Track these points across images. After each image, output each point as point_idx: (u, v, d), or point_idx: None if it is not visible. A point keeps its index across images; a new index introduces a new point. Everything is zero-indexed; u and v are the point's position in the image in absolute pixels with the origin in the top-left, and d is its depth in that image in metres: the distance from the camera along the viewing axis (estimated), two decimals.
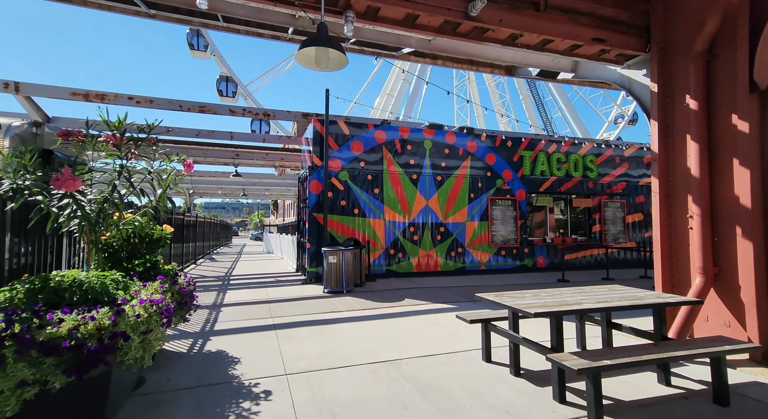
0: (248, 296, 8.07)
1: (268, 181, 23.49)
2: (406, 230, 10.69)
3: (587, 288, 4.19)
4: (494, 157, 11.61)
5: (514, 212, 11.64)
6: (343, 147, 10.25)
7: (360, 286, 9.04)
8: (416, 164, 10.89)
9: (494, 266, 11.39)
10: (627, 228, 12.68)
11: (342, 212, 10.12)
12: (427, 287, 8.97)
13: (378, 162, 10.55)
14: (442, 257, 10.95)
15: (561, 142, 12.28)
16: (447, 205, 11.07)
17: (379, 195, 10.50)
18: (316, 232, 9.78)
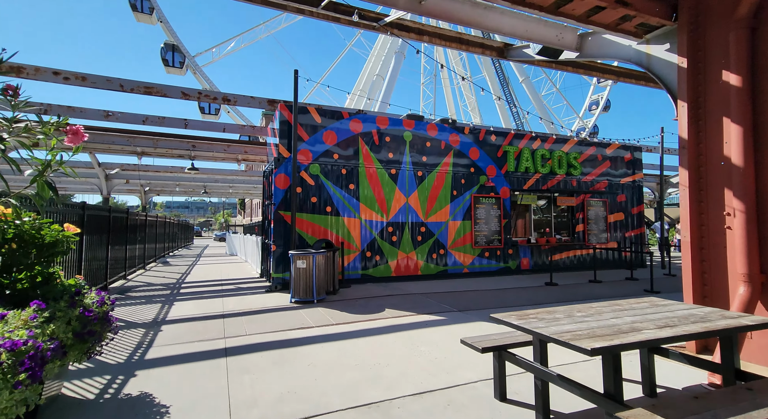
0: (200, 308, 6.80)
1: (233, 178, 21.82)
2: (384, 231, 9.73)
3: (623, 304, 3.39)
4: (478, 152, 10.89)
5: (498, 211, 10.96)
6: (314, 138, 9.13)
7: (333, 294, 7.97)
8: (395, 158, 9.95)
9: (477, 268, 10.66)
10: (609, 228, 12.37)
11: (313, 210, 9.00)
12: (408, 294, 8.04)
13: (353, 155, 9.52)
14: (423, 260, 10.08)
15: (545, 138, 11.76)
16: (428, 203, 10.21)
17: (354, 192, 9.47)
18: (282, 232, 8.60)
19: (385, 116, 9.98)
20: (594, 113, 31.67)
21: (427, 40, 6.56)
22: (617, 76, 8.08)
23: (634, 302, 3.36)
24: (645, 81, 7.97)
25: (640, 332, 2.39)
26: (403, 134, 10.07)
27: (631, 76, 8.09)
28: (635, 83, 8.05)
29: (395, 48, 29.75)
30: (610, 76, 8.09)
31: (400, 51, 29.33)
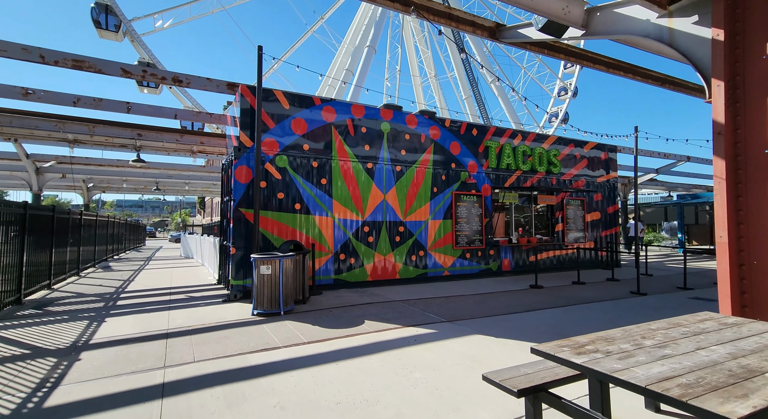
0: (138, 325, 5.56)
1: (189, 173, 19.97)
2: (359, 231, 8.82)
3: (685, 324, 2.72)
4: (459, 146, 10.25)
5: (480, 209, 10.39)
6: (280, 126, 8.05)
7: (302, 303, 6.96)
8: (372, 151, 9.08)
9: (458, 270, 10.01)
10: (586, 227, 12.20)
11: (279, 207, 7.93)
12: (388, 302, 7.19)
13: (326, 147, 8.53)
14: (401, 262, 9.28)
15: (526, 134, 11.35)
16: (407, 200, 9.43)
17: (326, 187, 8.49)
18: (244, 233, 7.46)
19: (361, 105, 9.07)
20: (564, 99, 32.49)
21: (415, 14, 5.74)
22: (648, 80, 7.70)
23: (698, 322, 2.69)
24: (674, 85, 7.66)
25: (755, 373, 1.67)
26: (381, 125, 9.22)
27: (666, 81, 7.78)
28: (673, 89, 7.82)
29: (366, 42, 28.85)
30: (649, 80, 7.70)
31: (371, 45, 28.47)
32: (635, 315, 6.19)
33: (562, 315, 6.28)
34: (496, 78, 35.00)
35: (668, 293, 8.22)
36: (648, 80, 8.33)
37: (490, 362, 4.03)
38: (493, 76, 35.38)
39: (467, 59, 37.42)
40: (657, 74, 8.33)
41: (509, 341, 4.77)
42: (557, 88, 33.41)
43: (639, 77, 8.22)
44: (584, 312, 6.44)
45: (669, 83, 8.59)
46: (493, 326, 5.53)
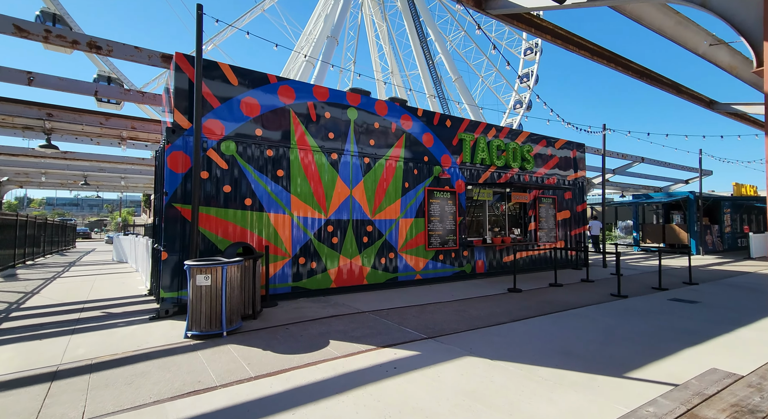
0: (19, 358, 4.09)
1: (126, 167, 17.60)
2: (322, 230, 7.69)
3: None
4: (432, 138, 9.42)
5: (453, 207, 9.64)
6: (227, 106, 6.74)
7: (253, 318, 5.74)
8: (337, 140, 7.98)
9: (431, 274, 9.19)
10: (557, 226, 11.92)
11: (226, 203, 6.61)
12: (357, 313, 6.16)
13: (283, 134, 7.32)
14: (370, 266, 8.27)
15: (500, 128, 10.79)
16: (376, 197, 8.44)
17: (284, 180, 7.28)
18: (179, 233, 6.08)
19: (325, 87, 7.94)
20: (527, 86, 33.19)
21: None
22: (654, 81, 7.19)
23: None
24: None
25: None
26: (347, 112, 8.15)
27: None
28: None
29: (327, 32, 27.49)
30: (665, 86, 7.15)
31: (333, 36, 27.16)
32: (628, 323, 5.65)
33: (552, 325, 5.60)
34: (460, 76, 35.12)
35: (646, 295, 7.92)
36: (628, 71, 8.00)
37: (497, 400, 3.14)
38: (457, 75, 35.46)
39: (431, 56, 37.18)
40: (636, 65, 8.01)
41: (509, 365, 3.93)
42: (521, 72, 34.08)
43: (620, 67, 7.84)
44: (574, 321, 5.81)
45: (647, 76, 8.33)
46: (482, 342, 4.69)
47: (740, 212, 19.86)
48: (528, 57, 33.00)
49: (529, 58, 33.21)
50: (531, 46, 33.23)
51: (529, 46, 33.44)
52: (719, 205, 18.12)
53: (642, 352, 4.34)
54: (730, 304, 7.05)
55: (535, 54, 32.17)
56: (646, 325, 5.55)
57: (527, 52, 32.87)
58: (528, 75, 35.01)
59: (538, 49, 32.64)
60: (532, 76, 32.35)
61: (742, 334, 5.09)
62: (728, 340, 4.83)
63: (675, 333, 5.12)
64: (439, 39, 35.40)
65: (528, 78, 35.00)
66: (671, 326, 5.50)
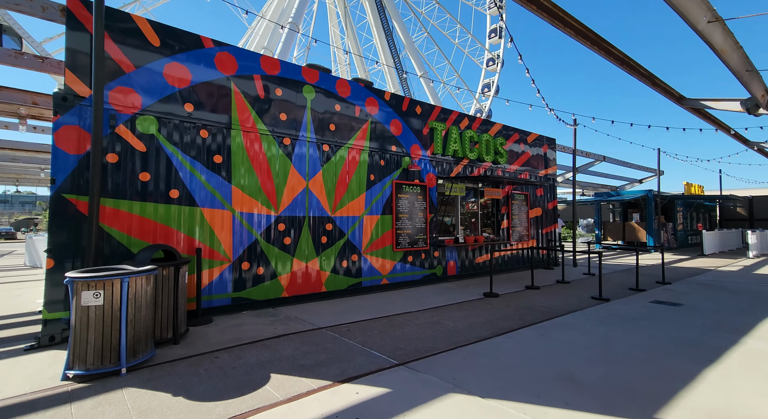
0: None
1: (45, 156, 15.08)
2: (272, 229, 6.46)
3: None
4: (401, 125, 8.44)
5: (424, 203, 8.72)
6: (146, 72, 5.33)
7: (173, 343, 4.43)
8: (290, 122, 6.77)
9: (399, 277, 8.21)
10: (530, 224, 11.39)
11: (143, 195, 5.21)
12: (310, 330, 5.02)
13: (222, 111, 6.00)
14: (329, 270, 7.14)
15: (473, 118, 10.03)
16: (337, 190, 7.32)
17: (223, 169, 5.97)
18: (72, 234, 4.63)
19: (275, 59, 6.68)
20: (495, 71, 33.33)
21: None
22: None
23: None
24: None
25: None
26: (303, 90, 6.95)
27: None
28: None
29: (288, 18, 25.76)
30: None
31: (294, 22, 25.49)
32: (622, 333, 4.97)
33: (541, 338, 4.79)
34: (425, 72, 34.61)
35: (627, 297, 7.43)
36: (609, 57, 7.48)
37: None
38: (423, 70, 34.92)
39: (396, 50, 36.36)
40: (618, 51, 7.50)
41: (509, 406, 3.00)
42: (486, 59, 34.12)
43: (602, 52, 7.29)
44: (564, 332, 5.05)
45: (626, 64, 7.86)
46: (467, 368, 3.75)
47: (691, 210, 20.77)
48: (492, 40, 33.01)
49: (494, 42, 33.25)
50: (495, 29, 33.25)
51: (493, 28, 33.46)
52: (673, 203, 18.73)
53: (658, 376, 3.58)
54: (711, 306, 6.67)
55: (500, 37, 32.20)
56: (642, 336, 4.89)
57: (491, 35, 32.87)
58: (494, 59, 34.69)
59: (503, 32, 32.76)
60: (498, 60, 32.38)
61: (750, 345, 4.53)
62: (741, 355, 4.23)
63: (679, 346, 4.47)
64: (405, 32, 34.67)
65: (494, 62, 34.68)
66: (669, 336, 4.88)
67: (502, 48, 33.09)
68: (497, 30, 34.00)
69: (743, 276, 10.35)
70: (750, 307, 6.63)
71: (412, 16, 37.49)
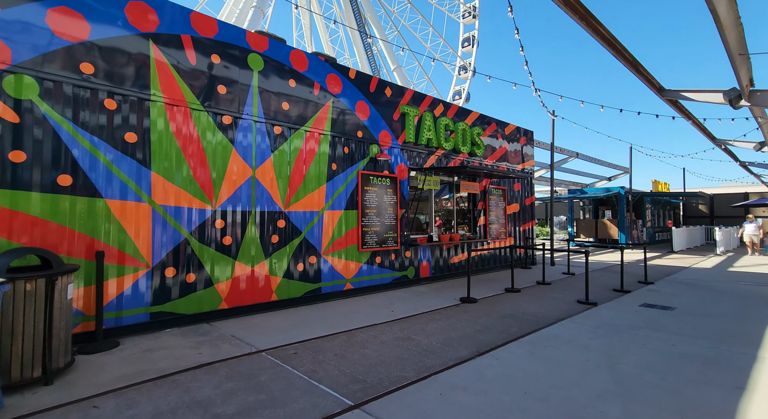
0: None
1: None
2: (207, 227, 5.26)
3: None
4: (368, 108, 7.41)
5: (394, 197, 7.75)
6: (18, 13, 4.01)
7: (43, 383, 3.20)
8: (232, 97, 5.58)
9: (366, 281, 7.20)
10: (507, 221, 10.69)
11: (14, 180, 3.91)
12: (245, 356, 3.92)
13: (138, 76, 4.74)
14: (281, 274, 6.02)
15: (448, 105, 9.14)
16: (292, 181, 6.20)
17: (138, 150, 4.72)
18: None
19: (211, 18, 5.46)
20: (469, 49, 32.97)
21: None
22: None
23: None
24: None
25: None
26: (248, 59, 5.77)
27: None
28: None
29: (252, 2, 24.07)
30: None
31: (259, 6, 23.83)
32: (623, 349, 4.20)
33: (532, 358, 3.93)
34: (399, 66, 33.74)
35: (614, 301, 6.79)
36: (596, 35, 6.76)
37: None
38: (396, 63, 34.03)
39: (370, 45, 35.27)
40: (606, 31, 6.79)
41: None
42: (458, 67, 33.72)
43: (589, 29, 6.56)
44: (557, 349, 4.23)
45: (613, 47, 7.20)
46: (444, 410, 2.79)
47: (658, 207, 21.06)
48: (466, 20, 32.60)
49: (468, 22, 32.85)
50: (468, 9, 32.84)
51: (467, 8, 33.03)
52: (642, 201, 18.83)
53: (691, 417, 2.77)
54: (705, 310, 6.12)
55: (474, 17, 31.80)
56: (647, 352, 4.14)
57: (465, 15, 32.45)
58: (469, 39, 34.16)
59: (476, 11, 32.42)
60: (473, 40, 31.98)
61: None
62: (766, 377, 3.53)
63: (695, 366, 3.74)
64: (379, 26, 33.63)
65: (469, 42, 34.12)
66: (678, 351, 4.15)
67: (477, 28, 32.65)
68: (470, 39, 33.61)
69: (720, 274, 10.12)
70: (743, 309, 6.13)
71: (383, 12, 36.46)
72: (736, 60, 6.71)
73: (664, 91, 9.90)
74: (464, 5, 33.94)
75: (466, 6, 33.78)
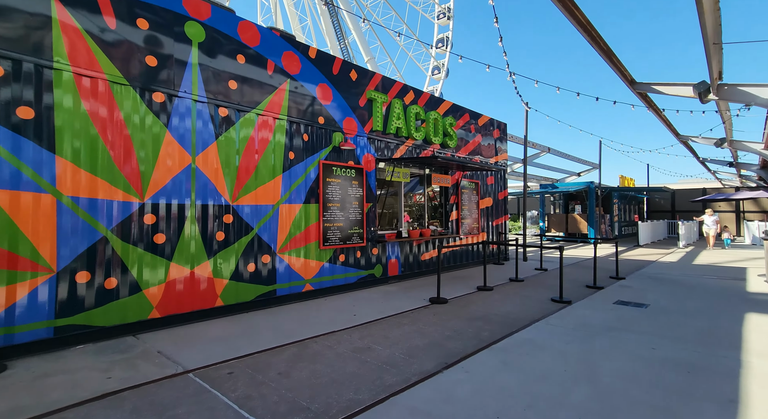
0: None
1: None
2: (133, 222, 4.47)
3: None
4: (330, 92, 6.73)
5: (360, 189, 7.14)
6: None
7: None
8: (165, 71, 4.77)
9: (328, 282, 6.58)
10: (480, 215, 10.33)
11: None
12: (169, 378, 3.22)
13: (34, 37, 3.88)
14: (228, 276, 5.30)
15: (419, 92, 8.60)
16: (241, 171, 5.46)
17: (36, 129, 3.87)
18: None
19: None
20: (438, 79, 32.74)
21: None
22: None
23: None
24: None
25: None
26: (185, 26, 4.96)
27: None
28: None
29: None
30: None
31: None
32: (602, 355, 3.81)
33: (506, 369, 3.47)
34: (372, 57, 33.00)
35: (588, 298, 6.51)
36: (572, 19, 6.46)
37: None
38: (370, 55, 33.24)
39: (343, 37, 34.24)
40: (582, 15, 6.46)
41: None
42: (431, 67, 33.48)
43: (566, 12, 6.25)
44: (533, 357, 3.79)
45: (588, 33, 6.90)
46: None
47: (624, 202, 21.57)
48: (441, 21, 32.37)
49: (443, 23, 32.64)
50: (443, 10, 32.59)
51: (442, 9, 32.78)
52: (610, 196, 19.15)
53: None
54: (678, 307, 5.93)
55: (448, 18, 31.60)
56: (627, 358, 3.78)
57: (440, 16, 32.19)
58: (439, 67, 34.71)
59: (451, 13, 32.21)
60: (447, 41, 31.78)
61: (761, 368, 3.57)
62: (761, 387, 3.21)
63: (680, 374, 3.39)
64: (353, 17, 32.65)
65: (439, 70, 34.70)
66: (660, 357, 3.81)
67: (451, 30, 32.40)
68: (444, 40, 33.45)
69: (686, 268, 10.20)
70: (715, 305, 5.98)
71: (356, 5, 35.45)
72: (710, 49, 6.53)
73: (636, 84, 9.79)
74: (439, 6, 33.66)
75: (441, 7, 33.51)
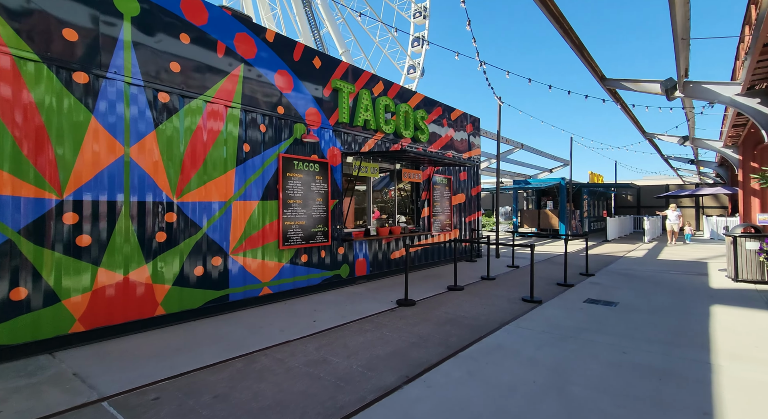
0: None
1: None
2: (49, 223, 3.86)
3: None
4: (291, 80, 6.22)
5: (325, 185, 6.69)
6: None
7: None
8: (90, 48, 4.15)
9: (289, 284, 6.12)
10: (452, 212, 10.10)
11: None
12: (73, 410, 2.70)
13: None
14: (171, 281, 4.76)
15: (389, 83, 8.20)
16: (186, 164, 4.90)
17: None
18: None
19: None
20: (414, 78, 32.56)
21: None
22: None
23: None
24: None
25: None
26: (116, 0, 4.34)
27: None
28: None
29: None
30: None
31: None
32: (570, 357, 3.59)
33: (471, 381, 3.17)
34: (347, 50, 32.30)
35: (558, 297, 6.37)
36: (544, 9, 6.20)
37: None
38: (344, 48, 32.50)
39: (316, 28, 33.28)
40: (554, 6, 6.23)
41: None
42: (407, 66, 33.22)
43: (539, 2, 5.95)
44: (501, 365, 3.51)
45: (560, 25, 6.70)
46: None
47: (594, 198, 22.08)
48: (417, 20, 32.11)
49: (419, 22, 32.37)
50: (419, 9, 32.30)
51: (418, 8, 32.48)
52: (580, 192, 19.51)
53: None
54: (646, 305, 5.86)
55: (424, 17, 31.37)
56: (596, 363, 3.58)
57: (416, 15, 31.92)
58: (414, 66, 34.53)
59: (427, 12, 31.95)
60: (423, 40, 31.56)
61: (732, 373, 3.44)
62: (733, 395, 3.05)
63: (652, 381, 3.19)
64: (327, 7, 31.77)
65: (414, 70, 34.51)
66: (631, 362, 3.62)
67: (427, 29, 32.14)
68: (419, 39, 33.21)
69: (652, 263, 10.37)
70: (682, 302, 5.96)
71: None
72: (679, 44, 6.47)
73: (606, 80, 9.78)
74: (415, 4, 33.30)
75: (417, 6, 33.15)
